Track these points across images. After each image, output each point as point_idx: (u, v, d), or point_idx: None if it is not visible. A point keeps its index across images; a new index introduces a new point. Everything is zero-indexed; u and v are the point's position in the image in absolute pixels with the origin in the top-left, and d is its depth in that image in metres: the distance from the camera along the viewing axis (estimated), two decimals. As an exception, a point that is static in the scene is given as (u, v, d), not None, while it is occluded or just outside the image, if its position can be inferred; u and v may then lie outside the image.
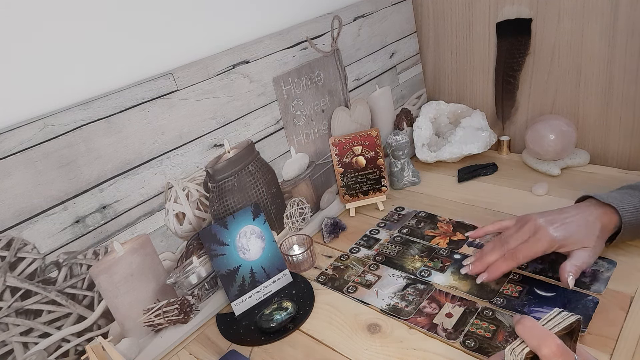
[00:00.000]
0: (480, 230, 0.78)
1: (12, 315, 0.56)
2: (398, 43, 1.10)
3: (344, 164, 0.96)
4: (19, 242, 0.56)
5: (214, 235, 0.75)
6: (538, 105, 1.05)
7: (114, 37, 0.66)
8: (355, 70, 1.00)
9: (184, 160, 0.72)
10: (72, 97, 0.62)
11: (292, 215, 0.89)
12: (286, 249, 0.86)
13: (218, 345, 0.72)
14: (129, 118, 0.65)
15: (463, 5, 1.07)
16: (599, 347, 0.59)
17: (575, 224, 0.67)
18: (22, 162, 0.56)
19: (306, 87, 0.90)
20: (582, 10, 0.92)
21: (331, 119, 0.96)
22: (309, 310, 0.74)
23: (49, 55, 0.60)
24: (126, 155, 0.65)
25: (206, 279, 0.76)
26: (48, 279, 0.59)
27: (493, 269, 0.70)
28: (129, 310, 0.67)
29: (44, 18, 0.59)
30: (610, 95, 0.95)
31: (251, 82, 0.80)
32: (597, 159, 1.01)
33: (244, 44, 0.80)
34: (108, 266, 0.64)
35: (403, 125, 1.11)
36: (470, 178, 1.03)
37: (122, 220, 0.66)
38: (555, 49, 0.98)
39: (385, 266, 0.81)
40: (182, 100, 0.71)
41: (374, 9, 1.03)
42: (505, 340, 0.63)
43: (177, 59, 0.73)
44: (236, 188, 0.79)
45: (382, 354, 0.64)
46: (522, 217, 0.73)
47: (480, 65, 1.10)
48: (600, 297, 0.66)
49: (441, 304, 0.71)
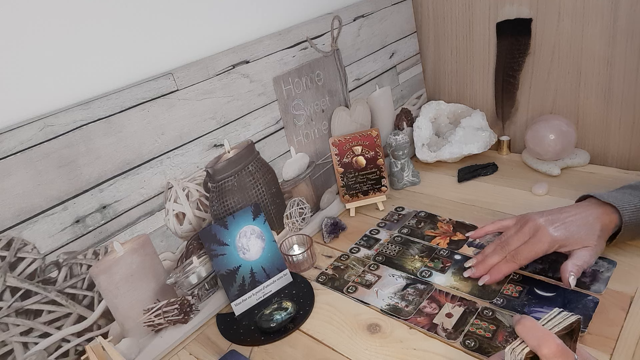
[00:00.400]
0: (480, 230, 0.78)
1: (12, 315, 0.56)
2: (398, 43, 1.10)
3: (344, 164, 0.96)
4: (19, 242, 0.56)
5: (214, 235, 0.75)
6: (538, 105, 1.05)
7: (114, 37, 0.66)
8: (355, 70, 1.00)
9: (184, 160, 0.72)
10: (72, 97, 0.62)
11: (292, 215, 0.89)
12: (286, 249, 0.86)
13: (218, 345, 0.72)
14: (129, 118, 0.65)
15: (463, 5, 1.07)
16: (599, 347, 0.59)
17: (575, 223, 0.67)
18: (22, 162, 0.56)
19: (306, 87, 0.90)
20: (582, 10, 0.92)
21: (331, 119, 0.96)
22: (309, 310, 0.74)
23: (49, 55, 0.60)
24: (126, 155, 0.65)
25: (206, 279, 0.76)
26: (48, 279, 0.59)
27: (495, 271, 0.70)
28: (129, 310, 0.67)
29: (44, 18, 0.59)
30: (610, 95, 0.95)
31: (251, 82, 0.80)
32: (597, 159, 1.01)
33: (244, 44, 0.80)
34: (108, 266, 0.64)
35: (403, 125, 1.11)
36: (470, 178, 1.03)
37: (122, 220, 0.66)
38: (555, 49, 0.98)
39: (385, 266, 0.81)
40: (182, 100, 0.71)
41: (374, 9, 1.03)
42: (505, 340, 0.63)
43: (177, 59, 0.73)
44: (236, 188, 0.79)
45: (382, 354, 0.64)
46: (522, 217, 0.73)
47: (480, 65, 1.10)
48: (600, 297, 0.66)
49: (441, 304, 0.71)
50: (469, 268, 0.74)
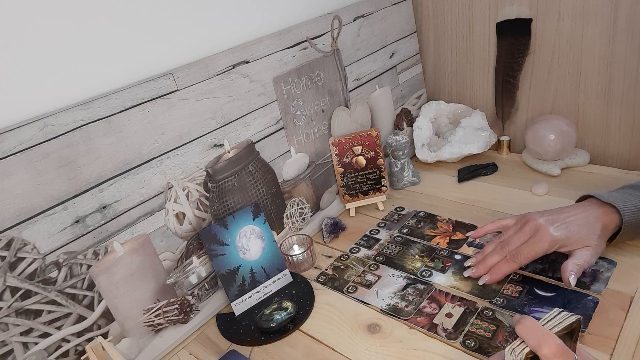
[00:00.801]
0: (481, 229, 0.78)
1: (12, 315, 0.56)
2: (398, 43, 1.10)
3: (344, 164, 0.96)
4: (19, 242, 0.56)
5: (214, 235, 0.75)
6: (538, 105, 1.05)
7: (114, 37, 0.66)
8: (355, 70, 1.00)
9: (184, 160, 0.72)
10: (72, 97, 0.62)
11: (292, 215, 0.89)
12: (286, 249, 0.86)
13: (218, 345, 0.72)
14: (129, 118, 0.65)
15: (463, 5, 1.07)
16: (599, 347, 0.59)
17: (576, 223, 0.67)
18: (22, 162, 0.56)
19: (306, 87, 0.90)
20: (582, 10, 0.92)
21: (331, 119, 0.96)
22: (309, 310, 0.74)
23: (48, 55, 0.60)
24: (126, 155, 0.65)
25: (206, 279, 0.76)
26: (48, 279, 0.59)
27: (495, 271, 0.70)
28: (129, 310, 0.67)
29: (44, 18, 0.59)
30: (610, 95, 0.95)
31: (251, 82, 0.80)
32: (597, 159, 1.01)
33: (244, 44, 0.80)
34: (108, 266, 0.64)
35: (403, 125, 1.11)
36: (470, 178, 1.02)
37: (122, 220, 0.66)
38: (555, 49, 0.98)
39: (385, 266, 0.81)
40: (182, 100, 0.71)
41: (374, 9, 1.03)
42: (505, 340, 0.63)
43: (177, 59, 0.73)
44: (236, 188, 0.79)
45: (382, 354, 0.64)
46: (522, 217, 0.73)
47: (480, 65, 1.10)
48: (600, 297, 0.66)
49: (441, 304, 0.71)
50: (468, 267, 0.74)
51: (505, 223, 0.75)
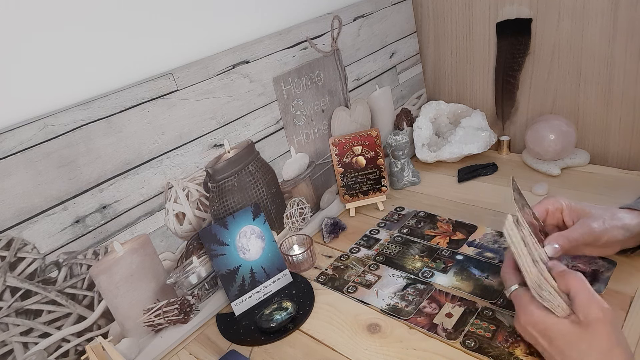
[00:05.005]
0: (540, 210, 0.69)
1: (12, 315, 0.56)
2: (398, 43, 1.10)
3: (344, 164, 0.96)
4: (19, 242, 0.56)
5: (214, 235, 0.75)
6: (538, 105, 1.05)
7: (114, 37, 0.66)
8: (355, 70, 1.00)
9: (184, 160, 0.72)
10: (72, 97, 0.62)
11: (292, 215, 0.89)
12: (286, 249, 0.86)
13: (218, 345, 0.72)
14: (129, 118, 0.65)
15: (463, 5, 1.07)
16: (599, 347, 0.59)
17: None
18: (22, 162, 0.56)
19: (306, 87, 0.90)
20: (582, 10, 0.92)
21: (331, 119, 0.96)
22: (309, 310, 0.74)
23: (48, 55, 0.60)
24: (126, 155, 0.65)
25: (206, 279, 0.76)
26: (48, 279, 0.59)
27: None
28: (129, 310, 0.67)
29: (44, 18, 0.59)
30: (610, 95, 0.95)
31: (251, 82, 0.80)
32: (597, 159, 1.01)
33: (244, 44, 0.80)
34: (108, 266, 0.64)
35: (403, 125, 1.11)
36: (470, 178, 1.02)
37: (122, 220, 0.66)
38: (555, 49, 0.98)
39: (385, 266, 0.81)
40: (182, 100, 0.71)
41: (374, 9, 1.03)
42: (505, 340, 0.63)
43: (177, 59, 0.73)
44: (236, 188, 0.79)
45: (382, 354, 0.64)
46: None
47: (480, 65, 1.10)
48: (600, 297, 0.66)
49: (441, 304, 0.71)
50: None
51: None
